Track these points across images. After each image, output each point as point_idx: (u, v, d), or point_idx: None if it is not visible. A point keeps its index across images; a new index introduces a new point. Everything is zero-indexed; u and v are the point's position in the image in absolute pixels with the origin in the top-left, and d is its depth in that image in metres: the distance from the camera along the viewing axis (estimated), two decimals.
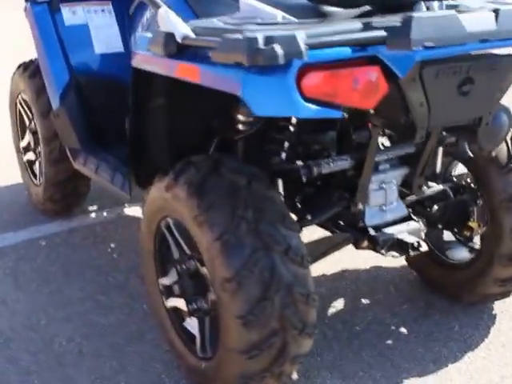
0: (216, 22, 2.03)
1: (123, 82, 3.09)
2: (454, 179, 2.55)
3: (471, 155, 2.31)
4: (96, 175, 2.90)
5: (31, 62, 3.40)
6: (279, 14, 2.09)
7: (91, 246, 3.27)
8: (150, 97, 2.35)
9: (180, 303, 2.29)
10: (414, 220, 2.37)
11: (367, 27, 1.80)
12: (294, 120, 2.30)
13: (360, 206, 2.25)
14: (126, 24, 3.21)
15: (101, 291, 2.89)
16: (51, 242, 3.33)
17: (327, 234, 2.53)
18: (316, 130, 2.35)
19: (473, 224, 2.52)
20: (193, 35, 1.91)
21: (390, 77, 1.77)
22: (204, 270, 2.09)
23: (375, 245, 2.28)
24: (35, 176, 3.61)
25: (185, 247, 2.19)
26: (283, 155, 2.35)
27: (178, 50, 1.93)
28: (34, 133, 3.49)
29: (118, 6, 3.22)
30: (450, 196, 2.50)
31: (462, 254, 2.72)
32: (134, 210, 3.63)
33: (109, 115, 3.12)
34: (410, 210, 2.40)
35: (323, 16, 2.14)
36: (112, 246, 3.27)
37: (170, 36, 1.93)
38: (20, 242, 3.34)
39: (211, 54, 1.74)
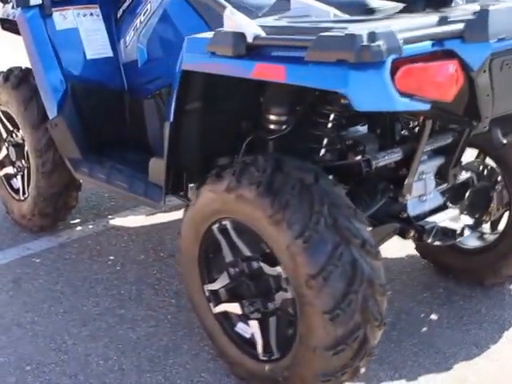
0: (278, 21, 2.01)
1: (113, 87, 3.03)
2: (476, 166, 2.66)
3: (504, 142, 2.42)
4: (109, 184, 2.79)
5: (10, 71, 3.21)
6: (331, 11, 2.10)
7: (90, 260, 3.13)
8: (187, 100, 2.30)
9: (232, 307, 2.26)
10: (451, 208, 2.45)
11: (443, 21, 1.85)
12: (332, 116, 2.32)
13: (408, 197, 2.30)
14: (114, 28, 3.11)
15: (118, 305, 2.77)
16: (45, 258, 3.15)
17: None
18: (355, 124, 2.38)
19: (493, 208, 2.64)
20: (264, 35, 1.89)
21: (465, 70, 1.83)
22: (272, 270, 2.08)
23: (422, 234, 2.33)
24: (15, 191, 3.42)
25: (244, 249, 2.15)
26: (322, 152, 2.36)
27: (247, 50, 1.91)
28: (16, 146, 3.31)
29: (105, 9, 3.11)
30: (474, 183, 2.61)
31: (475, 240, 2.83)
32: (118, 221, 3.51)
33: (103, 121, 3.03)
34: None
35: (370, 12, 2.17)
36: (111, 258, 3.14)
37: (239, 36, 1.90)
38: (12, 260, 3.14)
39: (306, 53, 1.72)
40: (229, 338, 2.30)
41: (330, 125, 2.31)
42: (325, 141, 2.34)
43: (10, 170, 3.42)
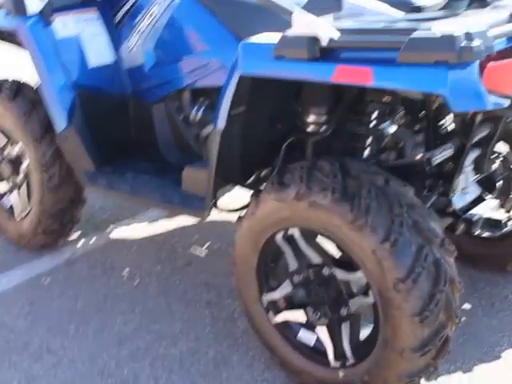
0: (344, 22, 1.97)
1: (117, 93, 2.91)
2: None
3: None
4: (134, 196, 2.68)
5: (1, 84, 3.01)
6: (386, 10, 2.09)
7: (104, 275, 3.00)
8: (233, 105, 2.23)
9: (296, 315, 2.23)
10: (490, 198, 2.50)
11: (509, 18, 1.88)
12: (375, 115, 2.31)
13: (458, 191, 2.33)
14: (113, 32, 2.97)
15: (150, 321, 2.67)
16: (56, 278, 2.99)
17: None
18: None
19: None
20: (338, 37, 1.85)
21: None
22: (347, 276, 2.06)
23: (470, 226, 2.37)
24: (8, 210, 3.23)
25: (313, 256, 2.12)
26: (367, 151, 2.35)
27: (322, 53, 1.87)
28: (9, 162, 3.11)
29: (103, 12, 2.97)
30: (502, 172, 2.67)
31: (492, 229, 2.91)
32: (120, 232, 3.38)
33: (113, 130, 2.91)
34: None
35: (417, 10, 2.16)
36: (126, 271, 3.03)
37: (314, 39, 1.85)
38: (20, 283, 2.96)
39: (398, 54, 1.70)
40: (292, 347, 2.26)
41: (373, 123, 2.30)
42: (368, 140, 2.33)
43: (1, 187, 3.22)
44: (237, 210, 2.63)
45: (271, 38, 2.02)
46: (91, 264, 3.09)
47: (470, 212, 2.41)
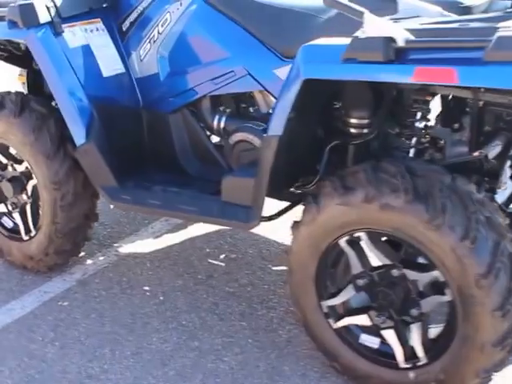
0: (409, 23, 1.97)
1: (130, 104, 2.82)
2: None
3: None
4: (167, 210, 2.59)
5: (4, 97, 2.82)
6: (440, 11, 2.10)
7: (124, 294, 2.87)
8: None
9: (359, 319, 2.21)
10: None
11: None
12: (419, 115, 2.32)
13: (503, 188, 2.36)
14: (119, 42, 2.87)
15: (188, 337, 2.58)
16: (73, 300, 2.84)
17: None
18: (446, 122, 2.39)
19: None
20: (413, 38, 1.85)
21: None
22: (420, 276, 2.06)
23: None
24: (10, 231, 3.06)
25: (382, 258, 2.10)
26: (412, 151, 2.36)
27: (396, 54, 1.86)
28: (11, 180, 2.94)
29: (107, 22, 2.85)
30: None
31: None
32: (128, 248, 3.25)
33: (130, 142, 2.81)
34: None
35: (467, 10, 2.19)
36: (146, 288, 2.91)
37: (389, 41, 1.84)
38: (36, 308, 2.79)
39: (485, 54, 1.70)
40: (355, 352, 2.23)
41: (418, 123, 2.32)
42: (413, 140, 2.34)
43: (1, 208, 3.04)
44: (271, 218, 2.59)
45: (335, 40, 2.00)
46: (107, 283, 2.96)
47: (510, 206, 2.46)
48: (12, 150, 2.93)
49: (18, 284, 2.98)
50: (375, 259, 2.11)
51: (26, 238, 2.98)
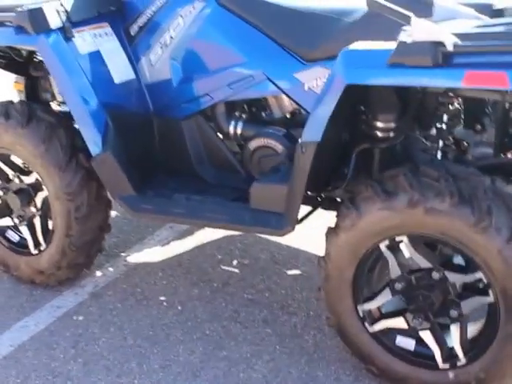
0: (450, 26, 1.97)
1: (141, 111, 2.77)
2: None
3: None
4: (195, 220, 2.55)
5: (8, 107, 2.72)
6: (474, 13, 2.11)
7: (141, 306, 2.80)
8: None
9: (396, 322, 2.21)
10: None
11: None
12: (445, 117, 2.33)
13: None
14: (127, 47, 2.80)
15: (215, 347, 2.54)
16: (88, 314, 2.77)
17: None
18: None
19: None
20: (461, 42, 1.85)
21: None
22: (462, 278, 2.07)
23: None
24: (17, 245, 2.96)
25: (422, 261, 2.10)
26: (439, 153, 2.37)
27: (444, 58, 1.86)
28: (17, 192, 2.85)
29: (115, 27, 2.79)
30: None
31: None
32: (136, 258, 3.18)
33: (143, 150, 2.75)
34: None
35: (499, 13, 2.20)
36: (162, 299, 2.85)
37: (437, 45, 1.84)
38: (51, 323, 2.70)
39: None
40: (392, 355, 2.23)
41: (444, 126, 2.33)
42: (440, 142, 2.35)
43: (5, 221, 2.94)
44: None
45: (376, 45, 1.99)
46: (120, 295, 2.89)
47: None
48: (18, 161, 2.85)
49: (28, 299, 2.89)
50: (416, 263, 2.12)
51: (34, 251, 2.88)
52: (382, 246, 2.13)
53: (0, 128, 2.72)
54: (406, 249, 2.10)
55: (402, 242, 2.09)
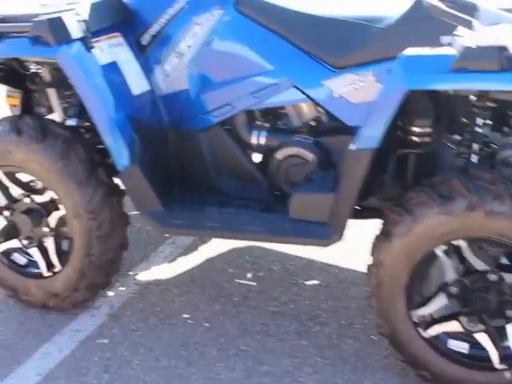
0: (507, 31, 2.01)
1: (156, 123, 2.70)
2: None
3: None
4: (231, 233, 2.49)
5: (20, 122, 2.58)
6: None
7: (164, 325, 2.70)
8: None
9: (451, 326, 2.22)
10: None
11: None
12: (479, 121, 2.37)
13: None
14: (139, 57, 2.71)
15: (254, 362, 2.48)
16: (111, 337, 2.64)
17: None
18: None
19: None
20: None
21: None
22: (509, 278, 2.12)
23: None
24: (25, 267, 2.80)
25: (479, 264, 2.13)
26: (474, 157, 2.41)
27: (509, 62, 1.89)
28: (27, 212, 2.69)
29: (127, 36, 2.69)
30: None
31: None
32: (146, 275, 3.06)
33: (165, 163, 2.68)
34: None
35: None
36: (186, 316, 2.75)
37: (502, 49, 1.87)
38: (74, 349, 2.57)
39: None
40: (446, 358, 2.25)
41: (479, 129, 2.37)
42: (475, 146, 2.39)
43: (12, 244, 2.77)
44: None
45: (434, 50, 2.01)
46: (140, 315, 2.78)
47: None
48: (26, 179, 2.70)
49: (43, 324, 2.73)
50: (473, 265, 2.14)
51: (47, 274, 2.73)
52: (438, 251, 2.14)
53: (10, 144, 2.57)
54: (465, 252, 2.12)
55: (458, 245, 2.11)
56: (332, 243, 2.36)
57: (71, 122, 2.77)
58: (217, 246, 3.28)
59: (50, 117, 2.95)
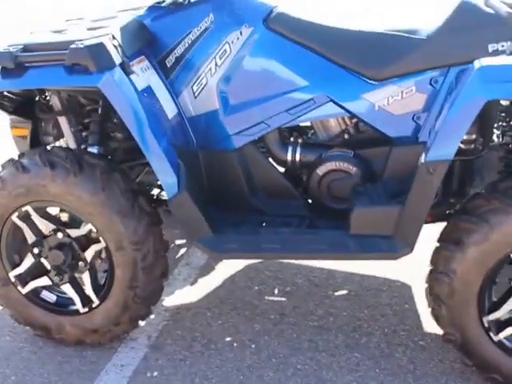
0: None
1: (187, 145, 2.64)
2: None
3: None
4: (292, 254, 2.48)
5: (51, 154, 2.43)
6: None
7: (209, 352, 2.64)
8: None
9: None
10: None
11: None
12: None
13: None
14: (163, 78, 2.64)
15: (317, 380, 2.48)
16: (160, 368, 2.55)
17: None
18: None
19: None
20: None
21: None
22: None
23: None
24: (57, 305, 2.66)
25: None
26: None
27: None
28: (59, 247, 2.55)
29: (151, 58, 2.62)
30: None
31: None
32: (171, 300, 2.98)
33: (201, 186, 2.63)
34: None
35: None
36: (228, 340, 2.70)
37: None
38: None
39: None
40: None
41: None
42: None
43: (41, 281, 2.62)
44: None
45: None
46: (182, 343, 2.70)
47: None
48: (55, 212, 2.57)
49: (84, 362, 2.61)
50: None
51: (83, 310, 2.61)
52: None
53: (45, 179, 2.43)
54: None
55: None
56: (402, 256, 2.38)
57: (93, 150, 2.66)
58: (233, 264, 3.24)
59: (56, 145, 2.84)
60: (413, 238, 2.32)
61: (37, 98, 2.79)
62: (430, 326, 2.70)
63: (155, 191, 2.94)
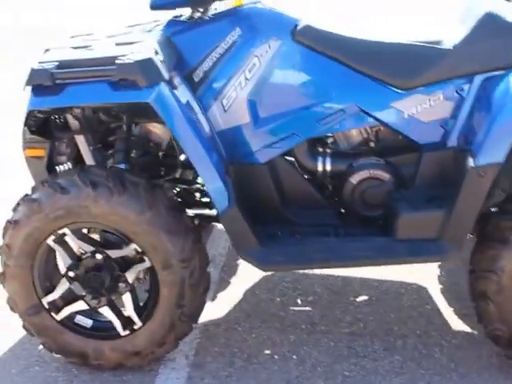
0: None
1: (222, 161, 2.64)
2: None
3: None
4: (341, 263, 2.50)
5: (88, 173, 2.36)
6: None
7: (252, 365, 2.62)
8: None
9: None
10: None
11: None
12: None
13: None
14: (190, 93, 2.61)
15: None
16: None
17: None
18: None
19: None
20: None
21: None
22: None
23: None
24: (93, 329, 2.56)
25: None
26: None
27: None
28: (96, 269, 2.46)
29: (180, 73, 2.58)
30: None
31: None
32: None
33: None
34: None
35: None
36: (267, 352, 2.69)
37: None
38: None
39: None
40: None
41: None
42: None
43: (77, 306, 2.52)
44: None
45: None
46: (222, 359, 2.66)
47: None
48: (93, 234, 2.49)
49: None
50: None
51: (124, 333, 2.52)
52: None
53: (86, 200, 2.34)
54: None
55: None
56: (449, 258, 2.46)
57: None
58: (247, 276, 3.23)
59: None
60: (462, 240, 2.41)
61: (52, 117, 2.70)
62: (457, 324, 2.83)
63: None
